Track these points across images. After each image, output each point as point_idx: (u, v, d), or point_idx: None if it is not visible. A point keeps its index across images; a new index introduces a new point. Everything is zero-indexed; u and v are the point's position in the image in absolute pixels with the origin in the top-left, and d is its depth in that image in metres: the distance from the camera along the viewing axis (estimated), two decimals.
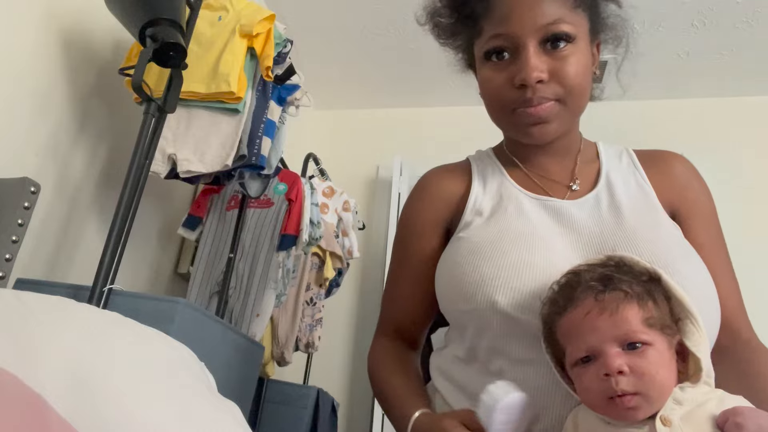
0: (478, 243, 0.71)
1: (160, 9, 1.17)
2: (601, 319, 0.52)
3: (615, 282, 0.54)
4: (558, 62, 0.68)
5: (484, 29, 0.72)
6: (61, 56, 1.35)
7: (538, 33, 0.68)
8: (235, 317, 1.67)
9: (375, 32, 2.52)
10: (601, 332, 0.52)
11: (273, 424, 1.84)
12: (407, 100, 3.03)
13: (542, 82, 0.68)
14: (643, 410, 0.51)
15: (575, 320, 0.54)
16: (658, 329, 0.53)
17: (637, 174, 0.77)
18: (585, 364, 0.53)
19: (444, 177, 0.84)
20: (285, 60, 1.56)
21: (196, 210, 1.81)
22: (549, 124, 0.71)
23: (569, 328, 0.55)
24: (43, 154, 1.30)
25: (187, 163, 1.38)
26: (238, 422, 0.54)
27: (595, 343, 0.52)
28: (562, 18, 0.68)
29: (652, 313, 0.53)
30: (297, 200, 1.82)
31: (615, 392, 0.50)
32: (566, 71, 0.68)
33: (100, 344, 0.52)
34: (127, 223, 1.10)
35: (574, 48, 0.69)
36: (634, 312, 0.52)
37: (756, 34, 2.33)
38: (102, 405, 0.45)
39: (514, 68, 0.69)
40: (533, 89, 0.68)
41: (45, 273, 1.31)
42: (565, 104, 0.70)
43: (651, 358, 0.51)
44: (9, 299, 0.56)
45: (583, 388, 0.54)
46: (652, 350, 0.51)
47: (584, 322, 0.53)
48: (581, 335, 0.53)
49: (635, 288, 0.54)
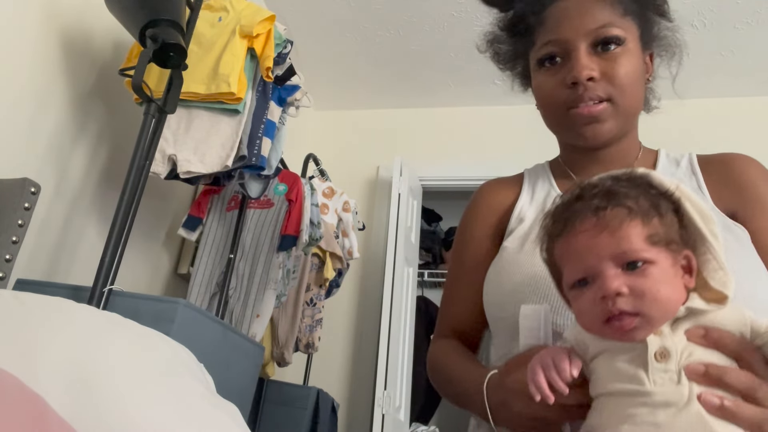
0: (514, 252, 0.73)
1: (160, 9, 1.17)
2: (600, 237, 0.49)
3: (619, 197, 0.50)
4: (609, 62, 0.70)
5: (537, 39, 0.75)
6: (61, 56, 1.35)
7: (589, 36, 0.71)
8: (235, 318, 1.67)
9: (375, 32, 2.52)
10: (598, 252, 0.49)
11: (273, 425, 1.84)
12: (407, 100, 3.03)
13: (593, 80, 0.70)
14: (643, 331, 0.48)
15: (572, 240, 0.51)
16: (662, 246, 0.49)
17: (694, 179, 0.77)
18: (581, 288, 0.51)
19: (496, 187, 0.86)
20: (285, 61, 1.56)
21: (196, 211, 1.81)
22: (602, 123, 0.71)
23: (566, 249, 0.52)
24: (43, 154, 1.30)
25: (187, 163, 1.38)
26: (236, 423, 0.54)
27: (592, 264, 0.49)
28: (611, 22, 0.71)
29: (656, 229, 0.49)
30: (297, 201, 1.83)
31: (612, 314, 0.47)
32: (616, 71, 0.70)
33: (100, 345, 0.52)
34: (127, 223, 1.10)
35: (624, 50, 0.71)
36: (637, 230, 0.49)
37: (756, 34, 2.33)
38: (101, 406, 0.45)
39: (565, 70, 0.72)
40: (584, 86, 0.70)
41: (45, 274, 1.31)
42: (616, 105, 0.71)
43: (652, 277, 0.48)
44: (9, 300, 0.56)
45: (580, 311, 0.52)
46: (653, 268, 0.48)
47: (581, 241, 0.50)
48: (578, 256, 0.50)
49: (641, 203, 0.50)
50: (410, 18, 2.38)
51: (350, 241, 2.23)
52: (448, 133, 2.92)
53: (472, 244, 0.83)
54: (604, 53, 0.71)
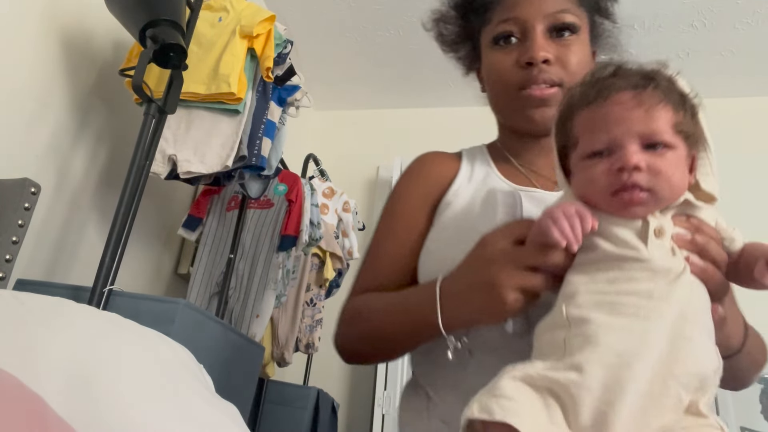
0: (447, 228, 0.73)
1: (160, 10, 1.17)
2: (634, 112, 0.51)
3: (658, 82, 0.52)
4: (563, 49, 0.71)
5: (493, 17, 0.75)
6: (61, 56, 1.35)
7: (546, 20, 0.72)
8: (235, 318, 1.67)
9: (375, 32, 2.53)
10: (628, 126, 0.50)
11: (273, 425, 1.84)
12: (408, 100, 3.03)
13: (548, 62, 0.70)
14: (647, 209, 0.50)
15: (603, 109, 0.52)
16: (682, 137, 0.52)
17: None
18: (596, 158, 0.52)
19: (438, 159, 0.85)
20: (285, 61, 1.56)
21: (196, 211, 1.82)
22: (551, 108, 0.71)
23: (593, 118, 0.53)
24: (43, 154, 1.30)
25: (188, 163, 1.38)
26: (236, 423, 0.54)
27: (617, 135, 0.51)
28: (569, 9, 0.72)
29: (681, 120, 0.52)
30: (297, 201, 1.83)
31: (624, 185, 0.49)
32: (570, 58, 0.71)
33: (100, 345, 0.52)
34: (127, 223, 1.10)
35: (577, 39, 0.73)
36: (669, 115, 0.51)
37: (756, 34, 2.33)
38: (101, 406, 0.45)
39: (522, 50, 0.72)
40: (539, 68, 0.70)
41: (45, 274, 1.31)
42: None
43: (669, 161, 0.50)
44: (9, 300, 0.56)
45: (588, 180, 0.52)
46: (671, 154, 0.51)
47: (614, 111, 0.51)
48: (605, 125, 0.52)
49: (673, 94, 0.53)
50: (410, 18, 2.38)
51: (350, 242, 2.23)
52: (448, 133, 2.92)
53: (408, 207, 0.80)
54: (559, 39, 0.72)
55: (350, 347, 0.76)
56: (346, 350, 0.76)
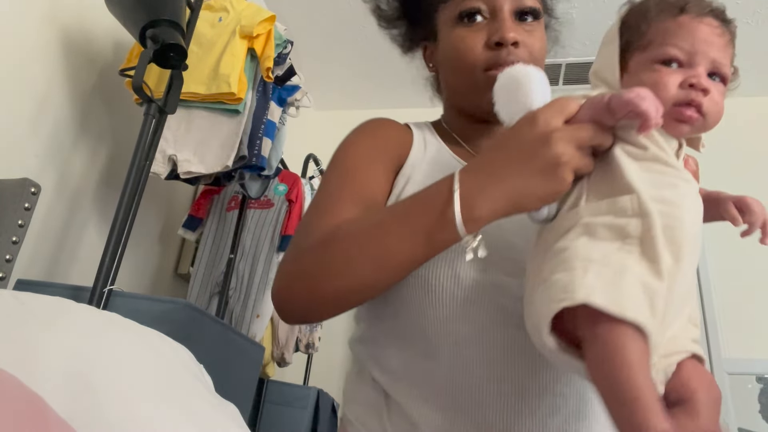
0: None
1: (160, 10, 1.17)
2: (721, 39, 0.54)
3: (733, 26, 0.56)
4: (526, 33, 0.71)
5: None
6: (61, 56, 1.35)
7: (513, 3, 0.71)
8: (236, 318, 1.67)
9: (375, 32, 2.52)
10: (713, 49, 0.53)
11: (273, 425, 1.84)
12: (407, 100, 3.02)
13: (516, 45, 0.69)
14: (690, 130, 0.53)
15: (696, 24, 0.54)
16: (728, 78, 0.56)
17: None
18: (666, 66, 0.54)
19: (395, 125, 0.82)
20: (285, 61, 1.56)
21: (197, 211, 1.82)
22: None
23: (682, 28, 0.55)
24: (43, 154, 1.30)
25: (188, 164, 1.38)
26: (236, 423, 0.54)
27: (702, 52, 0.53)
28: None
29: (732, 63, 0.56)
30: (297, 201, 1.83)
31: (691, 101, 0.52)
32: (533, 43, 0.71)
33: (100, 345, 0.52)
34: (127, 224, 1.10)
35: (538, 26, 0.73)
36: (732, 52, 0.56)
37: (756, 34, 2.33)
38: (101, 406, 0.45)
39: (490, 30, 0.71)
40: (508, 50, 0.69)
41: (45, 274, 1.31)
42: None
43: (721, 96, 0.54)
44: (9, 300, 0.56)
45: (654, 83, 0.53)
46: (723, 90, 0.54)
47: (705, 30, 0.54)
48: (693, 40, 0.54)
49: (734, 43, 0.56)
50: None
51: None
52: None
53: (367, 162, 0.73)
54: (522, 23, 0.71)
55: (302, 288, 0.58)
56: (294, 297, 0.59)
